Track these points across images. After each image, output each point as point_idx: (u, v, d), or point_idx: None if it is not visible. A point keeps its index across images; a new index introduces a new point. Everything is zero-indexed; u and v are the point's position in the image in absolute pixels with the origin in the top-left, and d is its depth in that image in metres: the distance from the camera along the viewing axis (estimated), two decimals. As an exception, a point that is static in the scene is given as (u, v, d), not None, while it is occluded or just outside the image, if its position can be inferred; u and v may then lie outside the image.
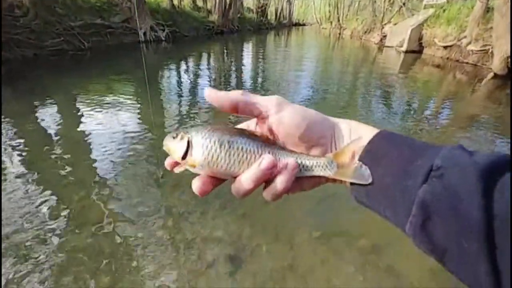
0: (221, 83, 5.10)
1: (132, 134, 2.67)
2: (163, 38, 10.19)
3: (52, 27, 6.89)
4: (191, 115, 3.41)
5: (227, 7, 14.90)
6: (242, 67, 6.90)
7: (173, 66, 6.47)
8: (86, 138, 2.59)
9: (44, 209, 1.66)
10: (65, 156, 2.26)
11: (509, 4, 5.43)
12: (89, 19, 7.95)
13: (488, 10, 7.44)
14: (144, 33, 9.53)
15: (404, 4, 13.13)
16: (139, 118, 3.18)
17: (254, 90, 4.73)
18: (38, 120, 2.95)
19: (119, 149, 2.39)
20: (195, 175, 0.28)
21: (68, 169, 2.07)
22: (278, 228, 1.60)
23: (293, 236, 1.55)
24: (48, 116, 3.05)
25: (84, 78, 4.84)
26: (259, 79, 5.63)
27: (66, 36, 7.17)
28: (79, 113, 3.17)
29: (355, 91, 5.12)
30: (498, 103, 4.51)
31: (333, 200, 1.86)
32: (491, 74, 6.06)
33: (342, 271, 1.36)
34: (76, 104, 3.47)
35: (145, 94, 4.05)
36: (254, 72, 6.38)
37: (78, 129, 2.78)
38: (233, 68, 6.62)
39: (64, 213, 1.64)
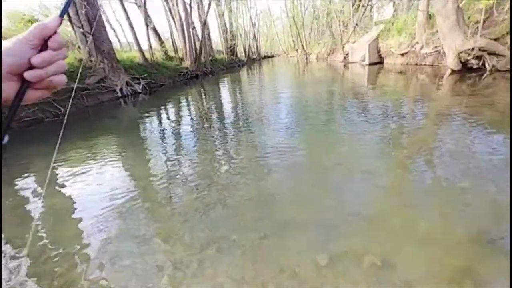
0: (203, 122, 5.17)
1: (119, 191, 2.57)
2: (140, 91, 10.46)
3: (27, 99, 6.92)
4: (177, 161, 3.37)
5: (197, 52, 15.78)
6: (221, 104, 7.09)
7: (153, 115, 6.55)
8: (69, 205, 2.46)
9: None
10: (46, 226, 2.11)
11: (448, 5, 6.11)
12: (64, 85, 8.07)
13: (430, 16, 8.33)
14: (121, 89, 9.76)
15: (357, 24, 14.48)
16: (126, 175, 3.09)
17: (237, 124, 4.81)
18: (19, 194, 2.80)
19: (104, 208, 2.28)
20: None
21: (49, 240, 1.92)
22: (281, 262, 1.50)
23: (299, 267, 1.46)
24: (29, 189, 2.91)
25: (64, 143, 4.74)
26: (240, 113, 5.77)
27: (41, 105, 7.20)
28: (60, 180, 3.05)
29: (332, 108, 5.33)
30: (462, 96, 4.82)
31: (331, 221, 1.81)
32: (449, 71, 6.56)
33: (356, 295, 1.27)
34: (57, 171, 3.36)
35: (130, 148, 4.01)
36: (234, 108, 6.56)
37: (60, 197, 2.65)
38: (213, 107, 6.79)
39: (47, 294, 1.48)
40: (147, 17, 14.22)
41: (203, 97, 8.81)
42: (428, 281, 1.29)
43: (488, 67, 6.04)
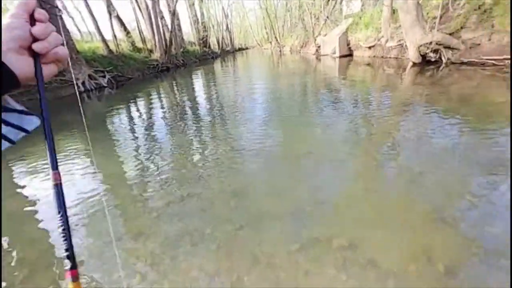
0: (175, 115, 5.00)
1: (85, 191, 2.42)
2: (105, 85, 9.80)
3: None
4: (148, 155, 3.24)
5: (168, 43, 15.09)
6: (195, 97, 6.91)
7: (121, 110, 6.19)
8: (29, 209, 2.26)
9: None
10: (3, 232, 1.93)
11: (409, 1, 6.46)
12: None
13: (394, 11, 8.76)
14: (83, 83, 9.07)
15: (327, 17, 14.79)
16: (92, 173, 2.91)
17: (211, 116, 4.73)
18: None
19: (68, 209, 2.13)
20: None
21: (7, 246, 1.76)
22: (255, 253, 1.53)
23: (273, 256, 1.49)
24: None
25: (19, 141, 4.32)
26: (215, 106, 5.67)
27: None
28: (17, 181, 2.78)
29: (306, 99, 5.45)
30: (422, 86, 5.18)
31: (303, 209, 1.88)
32: (411, 63, 7.00)
33: (325, 276, 1.34)
34: (13, 172, 3.06)
35: (96, 145, 3.77)
36: (208, 100, 6.42)
37: (18, 200, 2.42)
38: (185, 100, 6.58)
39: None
40: (109, 4, 13.24)
41: (175, 90, 8.50)
42: (389, 258, 1.39)
43: (444, 59, 6.55)
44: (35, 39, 0.34)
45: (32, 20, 0.35)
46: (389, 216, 1.73)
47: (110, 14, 13.15)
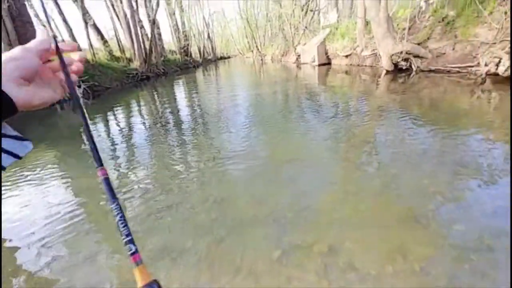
0: (156, 125, 4.90)
1: (57, 209, 2.28)
2: (80, 95, 9.43)
3: None
4: (126, 168, 3.13)
5: (147, 52, 14.87)
6: (176, 107, 6.81)
7: (98, 121, 5.97)
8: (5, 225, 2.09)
9: None
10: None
11: (380, 14, 6.86)
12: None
13: (367, 23, 9.26)
14: (57, 93, 8.66)
15: (306, 27, 15.33)
16: (65, 189, 2.76)
17: (193, 125, 4.68)
18: None
19: (44, 227, 2.00)
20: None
21: None
22: (237, 262, 1.51)
23: (255, 264, 1.48)
24: None
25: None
26: (197, 114, 5.62)
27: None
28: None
29: (287, 106, 5.56)
30: (395, 93, 5.47)
31: (285, 216, 1.89)
32: (384, 71, 7.39)
33: (307, 281, 1.35)
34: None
35: (70, 160, 3.60)
36: (189, 109, 6.36)
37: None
38: (167, 110, 6.48)
39: None
40: (85, 13, 12.90)
41: (156, 99, 8.35)
42: (367, 260, 1.43)
43: (414, 67, 6.97)
44: (40, 73, 0.37)
45: (45, 58, 0.38)
46: (367, 219, 1.78)
47: (86, 23, 12.80)
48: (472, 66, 5.83)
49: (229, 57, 50.96)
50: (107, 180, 0.38)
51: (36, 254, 1.76)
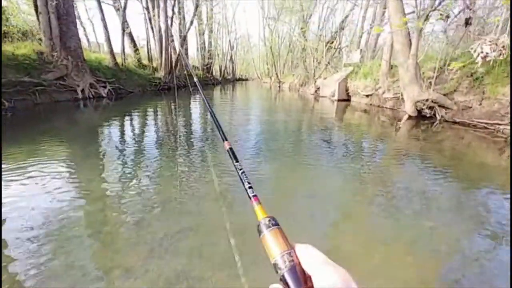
0: (169, 137, 4.86)
1: (66, 208, 2.15)
2: (104, 95, 9.70)
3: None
4: (135, 177, 3.01)
5: (173, 65, 15.49)
6: (191, 120, 6.84)
7: (116, 123, 6.01)
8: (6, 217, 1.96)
9: None
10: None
11: (409, 61, 6.94)
12: (14, 77, 7.14)
13: (391, 67, 9.39)
14: (82, 90, 8.94)
15: (328, 63, 15.75)
16: (74, 187, 2.65)
17: (204, 144, 4.60)
18: None
19: (47, 225, 1.85)
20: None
21: None
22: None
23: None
24: None
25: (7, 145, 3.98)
26: (209, 133, 5.58)
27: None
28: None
29: (300, 137, 5.45)
30: (416, 139, 5.32)
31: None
32: (406, 116, 7.30)
33: None
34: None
35: (81, 157, 3.53)
36: (202, 126, 6.36)
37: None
38: (181, 122, 6.50)
39: None
40: (124, 21, 13.72)
41: (173, 110, 8.46)
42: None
43: (438, 117, 6.87)
44: None
45: None
46: (382, 261, 1.56)
47: (123, 30, 13.56)
48: (501, 124, 5.67)
49: (247, 79, 52.59)
50: (231, 150, 0.52)
51: (33, 252, 1.60)
